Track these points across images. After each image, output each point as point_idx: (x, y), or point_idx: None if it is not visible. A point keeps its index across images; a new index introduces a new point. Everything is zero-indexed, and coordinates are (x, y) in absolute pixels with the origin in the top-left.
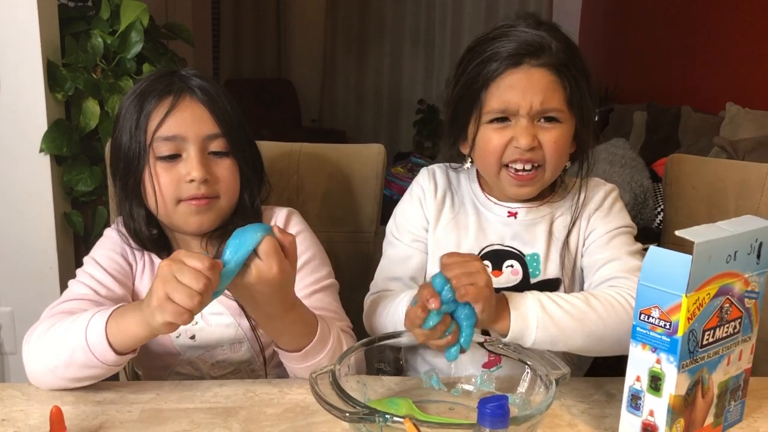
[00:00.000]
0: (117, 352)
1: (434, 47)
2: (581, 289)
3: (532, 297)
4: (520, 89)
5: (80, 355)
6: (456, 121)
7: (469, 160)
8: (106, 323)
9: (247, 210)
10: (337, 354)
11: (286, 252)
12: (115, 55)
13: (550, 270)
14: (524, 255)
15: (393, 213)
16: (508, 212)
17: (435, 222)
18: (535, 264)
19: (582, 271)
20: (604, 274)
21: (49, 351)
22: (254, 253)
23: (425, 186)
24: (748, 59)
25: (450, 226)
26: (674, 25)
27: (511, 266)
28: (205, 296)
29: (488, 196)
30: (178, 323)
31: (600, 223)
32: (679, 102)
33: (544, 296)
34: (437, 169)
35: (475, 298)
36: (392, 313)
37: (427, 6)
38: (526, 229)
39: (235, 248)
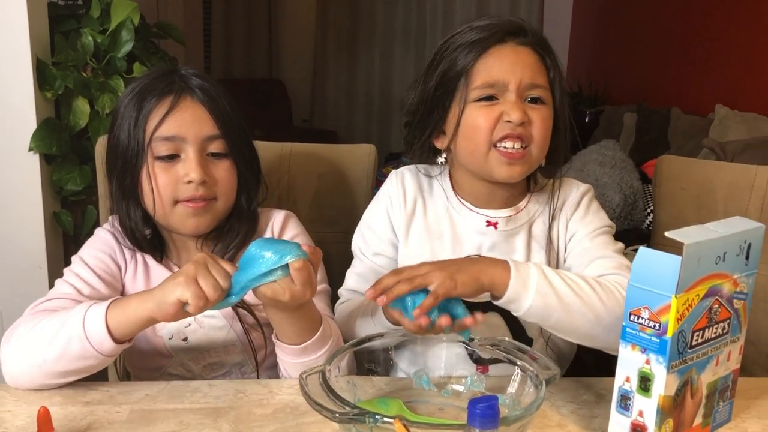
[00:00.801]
0: (115, 340)
1: (425, 48)
2: None
3: (533, 264)
4: (509, 63)
5: (76, 345)
6: (432, 113)
7: (443, 157)
8: (107, 310)
9: (243, 212)
10: (335, 348)
11: (314, 268)
12: (105, 53)
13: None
14: None
15: (360, 222)
16: (487, 221)
17: (405, 233)
18: None
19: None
20: (593, 272)
21: (36, 346)
22: (285, 268)
23: (393, 193)
24: (738, 62)
25: (423, 236)
26: (664, 28)
27: None
28: (220, 296)
29: (463, 201)
30: (190, 306)
31: (579, 225)
32: (669, 104)
33: (545, 266)
34: (407, 172)
35: (422, 283)
36: (367, 321)
37: (417, 7)
38: (506, 240)
39: (257, 265)
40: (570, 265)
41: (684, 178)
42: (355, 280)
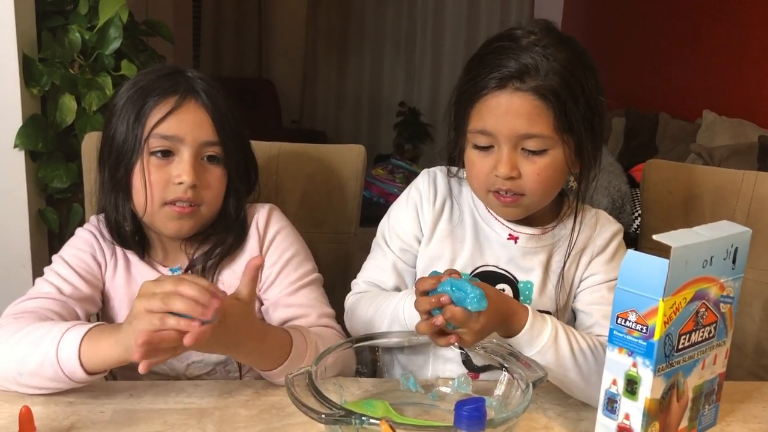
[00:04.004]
0: (87, 372)
1: (415, 50)
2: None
3: (552, 323)
4: (501, 114)
5: (48, 369)
6: (456, 126)
7: None
8: (81, 342)
9: (230, 218)
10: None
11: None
12: (92, 50)
13: (542, 302)
14: (518, 281)
15: (387, 212)
16: (509, 234)
17: (430, 233)
18: (527, 292)
19: (572, 311)
20: (604, 332)
21: (15, 357)
22: None
23: (424, 191)
24: (725, 68)
25: (446, 239)
26: (653, 33)
27: (502, 290)
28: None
29: (490, 210)
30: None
31: (601, 268)
32: (657, 109)
33: (561, 328)
34: (438, 173)
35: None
36: (385, 312)
37: (408, 8)
38: (524, 256)
39: None
40: (578, 308)
41: (672, 183)
42: (375, 272)
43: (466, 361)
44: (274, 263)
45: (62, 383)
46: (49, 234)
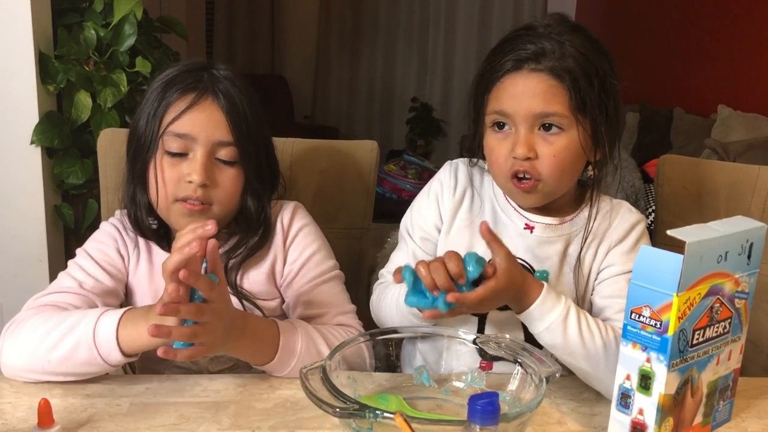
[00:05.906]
0: (123, 353)
1: (428, 45)
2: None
3: (565, 302)
4: (517, 94)
5: (83, 351)
6: (476, 116)
7: None
8: (118, 324)
9: (251, 217)
10: (312, 349)
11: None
12: (107, 47)
13: (558, 292)
14: (534, 271)
15: (411, 205)
16: (525, 224)
17: (450, 221)
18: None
19: (590, 302)
20: (617, 325)
21: (41, 347)
22: None
23: (445, 182)
24: (740, 62)
25: (465, 229)
26: (667, 28)
27: None
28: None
29: (509, 200)
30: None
31: (619, 259)
32: (672, 104)
33: (574, 309)
34: (461, 164)
35: None
36: (391, 302)
37: (420, 4)
38: (540, 246)
39: None
40: (595, 300)
41: (686, 178)
42: (398, 263)
43: (480, 351)
44: (295, 260)
45: (94, 366)
46: (65, 229)
